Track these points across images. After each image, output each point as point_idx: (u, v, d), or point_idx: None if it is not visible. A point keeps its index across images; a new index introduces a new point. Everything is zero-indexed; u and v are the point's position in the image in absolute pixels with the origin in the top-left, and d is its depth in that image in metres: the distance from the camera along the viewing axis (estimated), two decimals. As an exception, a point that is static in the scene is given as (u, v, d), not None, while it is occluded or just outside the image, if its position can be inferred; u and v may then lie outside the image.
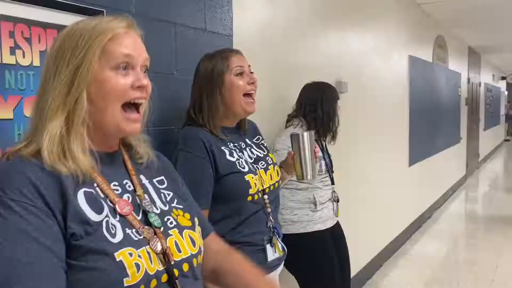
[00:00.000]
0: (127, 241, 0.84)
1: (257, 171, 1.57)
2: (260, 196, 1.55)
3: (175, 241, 0.93)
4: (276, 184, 1.65)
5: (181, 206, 1.02)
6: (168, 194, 1.02)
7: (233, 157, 1.53)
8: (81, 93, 0.85)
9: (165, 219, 0.95)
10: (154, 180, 1.01)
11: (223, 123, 1.58)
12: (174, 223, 0.96)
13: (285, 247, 1.66)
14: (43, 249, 0.76)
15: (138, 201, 0.92)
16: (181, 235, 0.95)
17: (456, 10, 5.33)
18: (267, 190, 1.58)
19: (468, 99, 8.26)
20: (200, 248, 0.98)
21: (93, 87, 0.86)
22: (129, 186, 0.94)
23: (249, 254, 1.50)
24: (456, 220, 5.77)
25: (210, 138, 1.50)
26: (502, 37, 7.47)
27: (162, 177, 1.04)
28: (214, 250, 1.11)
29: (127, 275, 0.80)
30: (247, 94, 1.57)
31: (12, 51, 1.17)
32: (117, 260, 0.80)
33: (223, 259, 1.12)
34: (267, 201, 1.57)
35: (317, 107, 2.31)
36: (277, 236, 1.60)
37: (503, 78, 14.35)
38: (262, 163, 1.62)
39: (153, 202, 0.96)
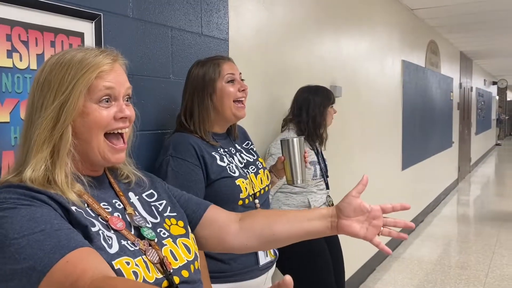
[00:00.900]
0: (123, 252, 0.85)
1: (248, 176, 1.58)
2: (251, 200, 1.56)
3: (170, 250, 0.94)
4: (266, 188, 1.67)
5: (174, 214, 1.03)
6: (161, 204, 1.03)
7: (224, 162, 1.54)
8: (66, 128, 0.86)
9: (158, 231, 0.96)
10: (144, 195, 1.02)
11: (214, 129, 1.60)
12: (167, 233, 0.97)
13: (276, 250, 1.67)
14: (66, 225, 0.80)
15: (129, 219, 0.93)
16: (175, 243, 0.96)
17: (448, 16, 5.39)
18: (257, 194, 1.60)
19: (460, 104, 8.33)
20: (195, 254, 1.00)
21: (77, 121, 0.88)
22: (118, 205, 0.95)
23: (240, 257, 1.51)
24: (448, 224, 5.81)
25: (200, 144, 1.51)
26: (494, 43, 7.54)
27: (151, 191, 1.05)
28: (226, 221, 1.11)
29: None
30: (238, 100, 1.58)
31: (9, 54, 1.17)
32: (115, 268, 0.81)
33: (255, 221, 1.10)
34: (258, 205, 1.59)
35: (303, 111, 2.30)
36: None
37: (494, 83, 14.49)
38: (252, 167, 1.64)
39: (143, 218, 0.97)
